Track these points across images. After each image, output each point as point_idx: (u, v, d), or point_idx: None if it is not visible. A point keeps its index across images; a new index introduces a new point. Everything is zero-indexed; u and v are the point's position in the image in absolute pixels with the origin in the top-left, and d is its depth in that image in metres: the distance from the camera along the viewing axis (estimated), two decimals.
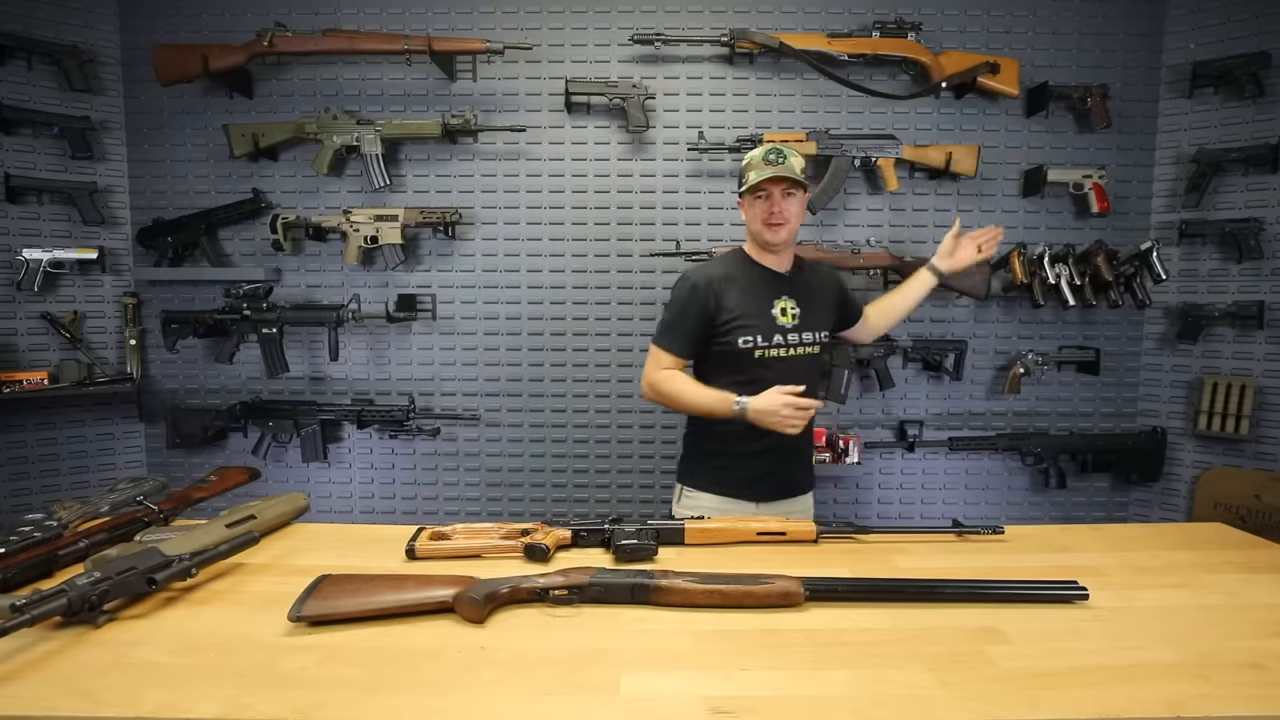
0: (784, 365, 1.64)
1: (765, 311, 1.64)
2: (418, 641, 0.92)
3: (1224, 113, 2.37)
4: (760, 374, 1.62)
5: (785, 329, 1.64)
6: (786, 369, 1.63)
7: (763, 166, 1.59)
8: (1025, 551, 1.28)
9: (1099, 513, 2.61)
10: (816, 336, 1.69)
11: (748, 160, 1.64)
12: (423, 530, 1.24)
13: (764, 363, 1.63)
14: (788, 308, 1.65)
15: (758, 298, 1.65)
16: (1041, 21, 2.45)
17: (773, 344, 1.63)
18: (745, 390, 1.58)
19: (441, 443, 2.55)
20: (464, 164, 2.48)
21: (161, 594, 1.03)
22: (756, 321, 1.63)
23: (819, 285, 1.74)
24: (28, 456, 2.41)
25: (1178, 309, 2.46)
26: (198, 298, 2.50)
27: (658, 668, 0.87)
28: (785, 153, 1.60)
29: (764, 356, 1.63)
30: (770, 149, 1.61)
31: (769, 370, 1.62)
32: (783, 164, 1.58)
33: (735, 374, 1.64)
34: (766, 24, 2.42)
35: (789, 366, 1.64)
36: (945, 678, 0.84)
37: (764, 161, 1.59)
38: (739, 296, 1.63)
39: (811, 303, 1.69)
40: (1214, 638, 0.94)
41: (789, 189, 1.60)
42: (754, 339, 1.62)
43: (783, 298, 1.66)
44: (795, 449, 1.65)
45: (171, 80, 2.31)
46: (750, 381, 1.60)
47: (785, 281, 1.69)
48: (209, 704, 0.77)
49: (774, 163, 1.58)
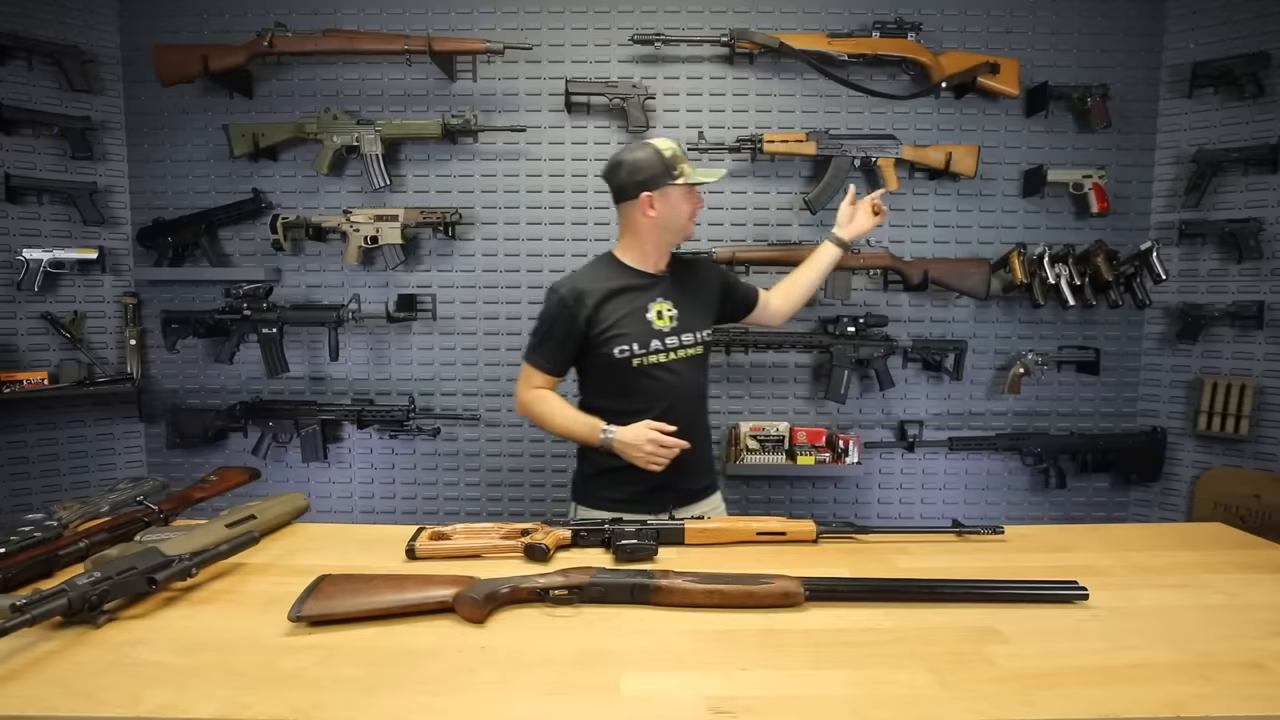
0: (665, 371, 1.57)
1: (640, 317, 1.56)
2: (418, 641, 0.92)
3: (1224, 113, 2.37)
4: (641, 384, 1.56)
5: (663, 333, 1.57)
6: (669, 375, 1.57)
7: (704, 168, 1.63)
8: (1025, 551, 1.28)
9: (1099, 513, 2.61)
10: (698, 336, 1.62)
11: (669, 152, 1.55)
12: (423, 530, 1.24)
13: (644, 371, 1.55)
14: (664, 310, 1.58)
15: (631, 304, 1.57)
16: (1041, 21, 2.45)
17: (650, 350, 1.56)
18: (629, 403, 1.54)
19: (441, 443, 2.55)
20: (464, 164, 2.48)
21: (162, 594, 1.03)
22: (631, 329, 1.55)
23: (696, 282, 1.68)
24: (28, 456, 2.41)
25: (1177, 309, 2.46)
26: (198, 298, 2.50)
27: (658, 668, 0.87)
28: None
29: (643, 365, 1.55)
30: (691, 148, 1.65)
31: (649, 379, 1.56)
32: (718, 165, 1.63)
33: (616, 385, 1.57)
34: (766, 24, 2.42)
35: (671, 372, 1.57)
36: (945, 678, 0.84)
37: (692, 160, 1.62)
38: (612, 305, 1.56)
39: (689, 302, 1.63)
40: (1214, 638, 0.94)
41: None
42: (630, 348, 1.54)
43: (658, 300, 1.59)
44: (691, 458, 1.55)
45: (172, 80, 2.31)
46: (632, 393, 1.55)
47: (659, 283, 1.62)
48: (209, 704, 0.77)
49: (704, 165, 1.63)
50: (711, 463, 1.73)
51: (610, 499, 1.58)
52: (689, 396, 1.61)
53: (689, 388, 1.60)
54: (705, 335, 1.64)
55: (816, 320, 2.51)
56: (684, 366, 1.59)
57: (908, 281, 2.41)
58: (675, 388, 1.57)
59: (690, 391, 1.61)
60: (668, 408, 1.55)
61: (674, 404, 1.56)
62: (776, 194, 2.49)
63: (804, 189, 2.47)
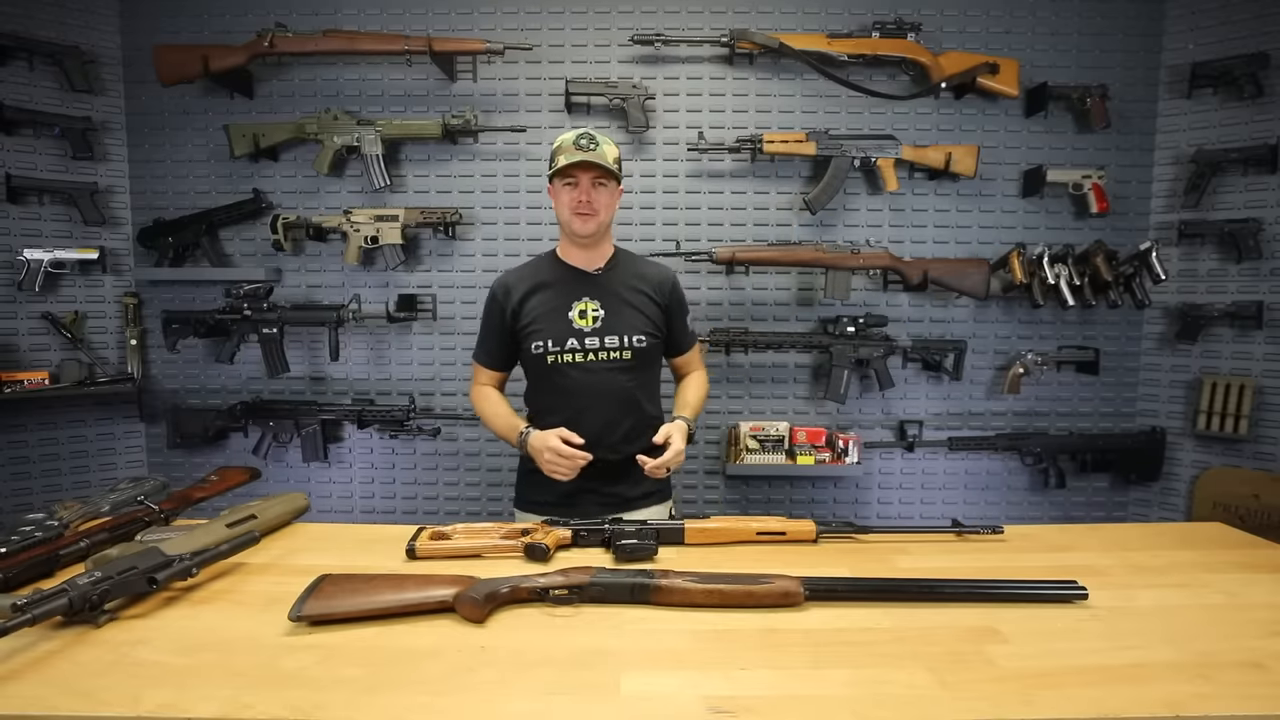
0: (582, 372, 1.50)
1: (561, 314, 1.51)
2: (418, 641, 0.92)
3: (1223, 113, 2.37)
4: (556, 382, 1.51)
5: (583, 333, 1.51)
6: (586, 376, 1.50)
7: (572, 151, 1.45)
8: (1025, 551, 1.28)
9: (1098, 512, 2.61)
10: (625, 342, 1.52)
11: (558, 144, 1.49)
12: (423, 530, 1.24)
13: (559, 370, 1.51)
14: (588, 309, 1.51)
15: (556, 299, 1.52)
16: (1041, 22, 2.45)
17: (566, 349, 1.50)
18: (547, 401, 1.52)
19: (441, 443, 2.55)
20: (464, 164, 2.48)
21: (162, 594, 1.03)
22: (548, 325, 1.51)
23: (635, 288, 1.56)
24: (29, 456, 2.42)
25: (1177, 309, 2.46)
26: (198, 298, 2.50)
27: (658, 667, 0.87)
28: (598, 139, 1.47)
29: (558, 363, 1.50)
30: (582, 134, 1.47)
31: (565, 378, 1.51)
32: (594, 150, 1.45)
33: (536, 382, 1.55)
34: (766, 24, 2.42)
35: (589, 373, 1.51)
36: (945, 677, 0.84)
37: (574, 146, 1.46)
38: (536, 299, 1.53)
39: (620, 305, 1.53)
40: (1214, 638, 0.94)
41: (600, 178, 1.48)
42: (544, 344, 1.50)
43: (583, 299, 1.52)
44: (621, 466, 1.51)
45: (172, 80, 2.31)
46: (549, 391, 1.53)
47: (590, 281, 1.55)
48: (209, 704, 0.77)
49: (584, 148, 1.44)
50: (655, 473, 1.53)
51: (536, 502, 1.56)
52: (610, 401, 1.52)
53: (611, 392, 1.51)
54: (637, 341, 1.53)
55: (816, 320, 2.51)
56: (606, 370, 1.51)
57: (907, 281, 2.41)
58: (592, 390, 1.50)
59: (612, 396, 1.52)
60: (583, 410, 1.50)
61: (591, 407, 1.50)
62: (776, 194, 2.49)
63: (804, 189, 2.47)
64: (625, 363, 1.53)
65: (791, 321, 2.52)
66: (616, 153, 1.52)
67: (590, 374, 1.51)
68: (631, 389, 1.55)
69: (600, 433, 1.49)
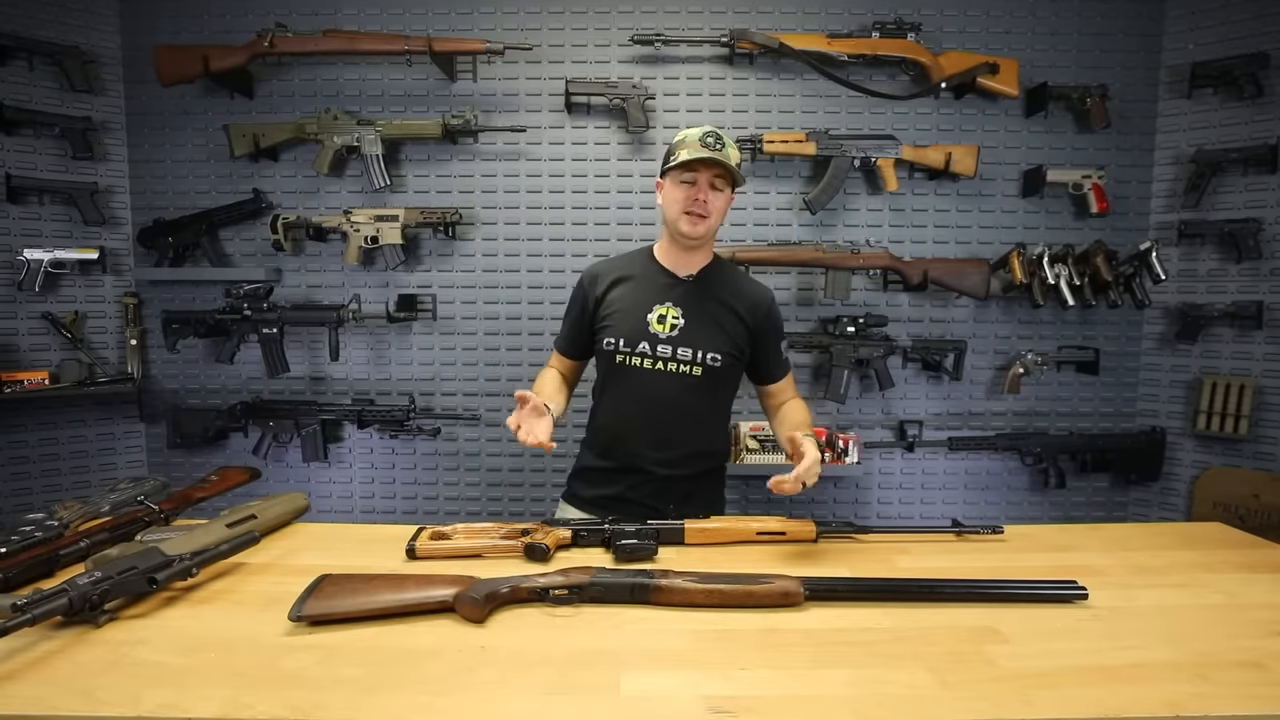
0: (649, 379, 1.44)
1: (640, 314, 1.45)
2: (418, 641, 0.92)
3: (1223, 113, 2.37)
4: (618, 383, 1.46)
5: (658, 338, 1.44)
6: (650, 384, 1.44)
7: (697, 147, 1.38)
8: (1025, 551, 1.28)
9: (1098, 512, 2.61)
10: (700, 357, 1.44)
11: (680, 137, 1.43)
12: (423, 530, 1.24)
13: (624, 370, 1.45)
14: (668, 315, 1.45)
15: (639, 298, 1.46)
16: (1041, 22, 2.45)
17: (637, 351, 1.44)
18: (606, 398, 1.48)
19: (441, 443, 2.55)
20: (464, 164, 2.48)
21: (162, 594, 1.03)
22: (625, 323, 1.45)
23: (726, 302, 1.48)
24: (29, 456, 2.41)
25: (1177, 309, 2.46)
26: (198, 298, 2.50)
27: (658, 667, 0.87)
28: (725, 139, 1.40)
29: (625, 364, 1.45)
30: (709, 132, 1.40)
31: (627, 381, 1.45)
32: (720, 150, 1.38)
33: (607, 379, 1.50)
34: (766, 24, 2.42)
35: (653, 382, 1.44)
36: (945, 677, 0.84)
37: (700, 143, 1.39)
38: (620, 294, 1.48)
39: (704, 317, 1.46)
40: (1214, 638, 0.94)
41: (720, 179, 1.41)
42: (616, 342, 1.45)
43: (666, 304, 1.45)
44: (664, 478, 1.43)
45: (172, 80, 2.31)
46: (610, 389, 1.48)
47: (679, 287, 1.48)
48: (209, 704, 0.77)
49: (711, 146, 1.37)
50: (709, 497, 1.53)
51: (581, 498, 1.55)
52: (671, 415, 1.46)
53: (673, 405, 1.45)
54: (711, 360, 1.45)
55: (816, 320, 2.51)
56: (671, 382, 1.44)
57: (907, 281, 2.41)
58: (654, 398, 1.44)
59: (674, 410, 1.45)
60: (641, 417, 1.46)
61: (650, 415, 1.45)
62: (776, 194, 2.49)
63: (804, 189, 2.47)
64: (695, 379, 1.45)
65: (791, 321, 2.51)
66: (739, 157, 1.45)
67: (656, 381, 1.44)
68: (695, 407, 1.47)
69: (655, 444, 1.45)
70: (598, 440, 1.53)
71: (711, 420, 1.54)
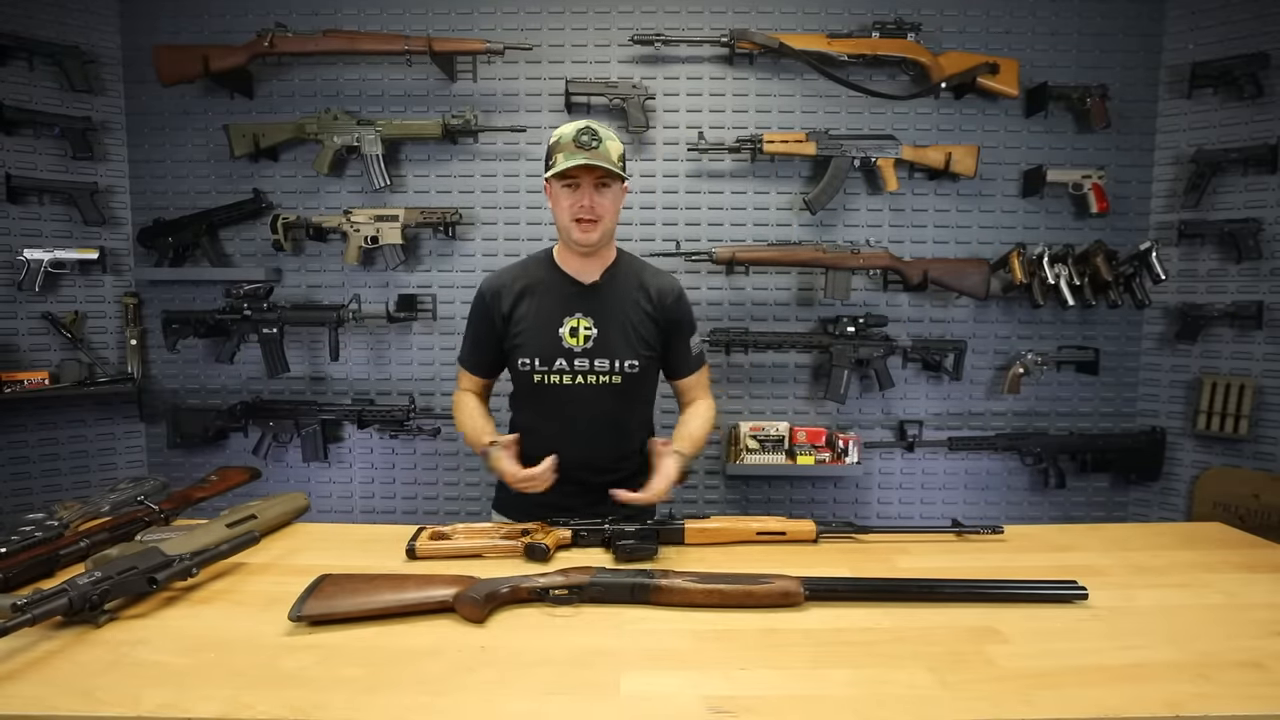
0: (569, 394, 1.41)
1: (552, 329, 1.40)
2: (418, 641, 0.92)
3: (1223, 113, 2.37)
4: (541, 401, 1.42)
5: (573, 352, 1.39)
6: (572, 399, 1.41)
7: (572, 149, 1.30)
8: (1025, 551, 1.28)
9: (1098, 512, 2.61)
10: (617, 365, 1.40)
11: (556, 138, 1.34)
12: (423, 530, 1.24)
13: (545, 389, 1.41)
14: (580, 327, 1.40)
15: (547, 312, 1.41)
16: (1041, 22, 2.45)
17: (554, 369, 1.40)
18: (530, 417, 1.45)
19: (441, 443, 2.55)
20: (464, 164, 2.48)
21: (162, 594, 1.03)
22: (537, 340, 1.40)
23: (635, 301, 1.44)
24: (29, 456, 2.41)
25: (1177, 309, 2.46)
26: (198, 298, 2.50)
27: (658, 667, 0.87)
28: (601, 134, 1.32)
29: (544, 383, 1.41)
30: (583, 128, 1.31)
31: (550, 399, 1.41)
32: (596, 148, 1.30)
33: (526, 398, 1.46)
34: (766, 24, 2.42)
35: (575, 397, 1.41)
36: (945, 677, 0.84)
37: (574, 143, 1.30)
38: (527, 308, 1.41)
39: (615, 323, 1.41)
40: (1214, 637, 0.94)
41: (603, 179, 1.34)
42: (531, 362, 1.40)
43: (576, 315, 1.40)
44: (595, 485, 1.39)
45: (172, 80, 2.31)
46: (533, 407, 1.45)
47: (585, 295, 1.42)
48: (209, 704, 0.77)
49: (586, 146, 1.29)
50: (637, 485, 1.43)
51: (513, 505, 1.47)
52: (596, 425, 1.43)
53: (598, 415, 1.42)
54: (629, 367, 1.42)
55: (816, 320, 2.51)
56: (594, 394, 1.42)
57: (907, 282, 2.41)
58: (577, 413, 1.42)
59: (598, 420, 1.43)
60: (567, 430, 1.42)
61: (575, 429, 1.42)
62: (776, 194, 2.49)
63: (804, 189, 2.47)
64: (614, 386, 1.42)
65: (791, 321, 2.52)
66: (621, 148, 1.37)
67: (577, 396, 1.41)
68: (619, 414, 1.46)
69: (584, 455, 1.42)
70: (519, 451, 1.43)
71: (634, 421, 1.51)
